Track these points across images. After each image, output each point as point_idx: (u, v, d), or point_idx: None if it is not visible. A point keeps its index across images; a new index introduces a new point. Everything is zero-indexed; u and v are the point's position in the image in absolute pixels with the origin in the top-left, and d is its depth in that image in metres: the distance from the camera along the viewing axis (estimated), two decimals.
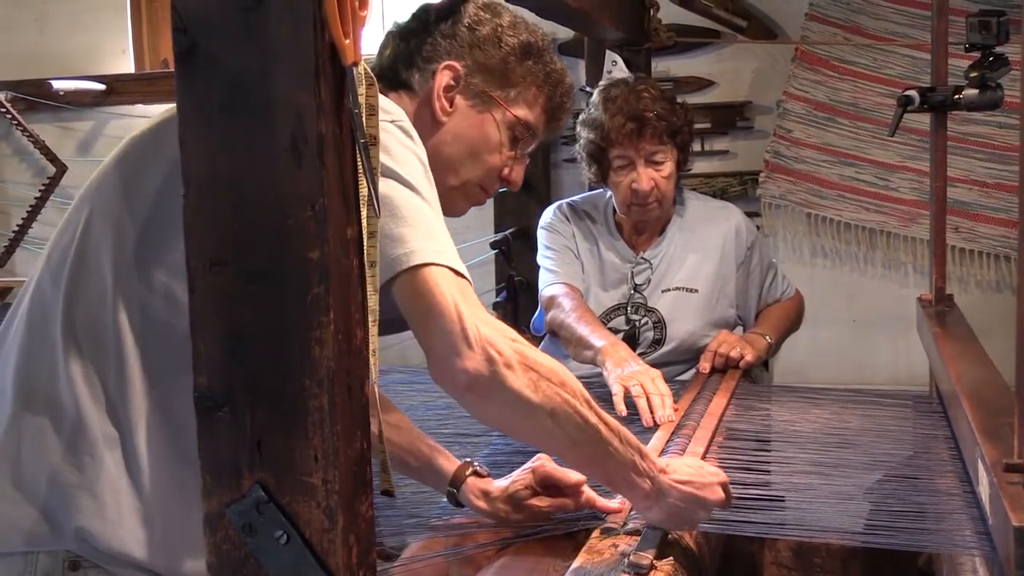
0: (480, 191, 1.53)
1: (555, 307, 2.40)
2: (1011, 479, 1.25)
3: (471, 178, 1.50)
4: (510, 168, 1.53)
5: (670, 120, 2.36)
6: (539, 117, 1.54)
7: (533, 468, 1.56)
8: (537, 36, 1.53)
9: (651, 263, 2.46)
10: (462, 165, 1.49)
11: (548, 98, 1.54)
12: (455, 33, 1.47)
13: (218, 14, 0.89)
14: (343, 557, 0.91)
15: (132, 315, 1.16)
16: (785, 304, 2.59)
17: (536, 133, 1.54)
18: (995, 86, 2.14)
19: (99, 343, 1.16)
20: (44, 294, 1.21)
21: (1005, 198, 3.69)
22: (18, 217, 4.51)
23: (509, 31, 1.49)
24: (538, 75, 1.52)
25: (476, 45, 1.47)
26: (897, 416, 2.09)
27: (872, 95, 3.80)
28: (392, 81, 1.47)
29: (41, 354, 1.19)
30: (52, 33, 4.57)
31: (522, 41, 1.50)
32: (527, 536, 1.53)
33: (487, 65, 1.47)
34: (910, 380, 3.59)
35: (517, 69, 1.49)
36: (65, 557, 1.16)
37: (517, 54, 1.49)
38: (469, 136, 1.48)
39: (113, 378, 1.16)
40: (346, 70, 0.92)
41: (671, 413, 1.98)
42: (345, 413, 0.91)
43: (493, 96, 1.48)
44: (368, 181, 0.96)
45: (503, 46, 1.48)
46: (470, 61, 1.46)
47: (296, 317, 0.90)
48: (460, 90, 1.46)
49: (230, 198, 0.91)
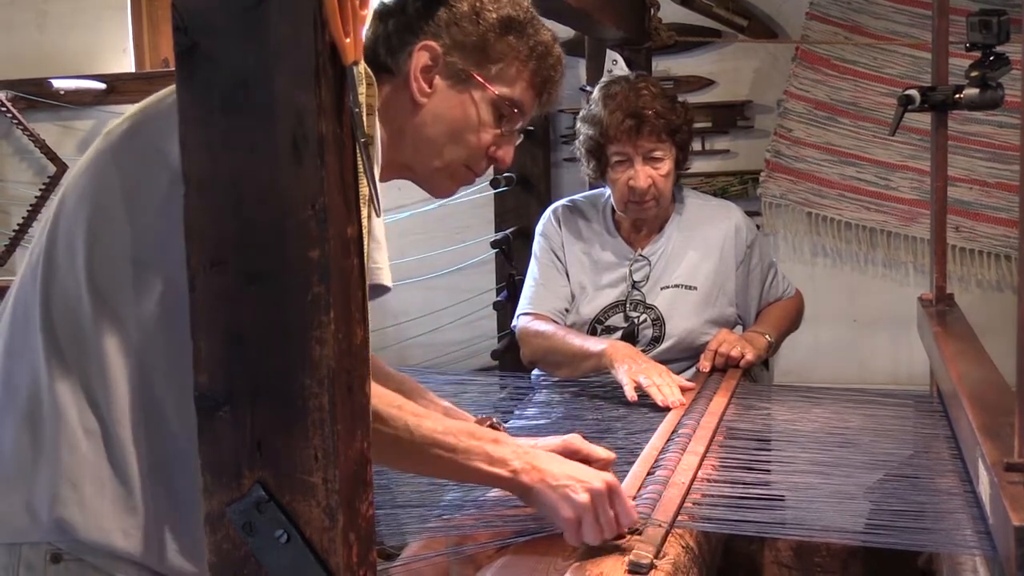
0: (466, 171, 1.51)
1: (533, 337, 2.40)
2: (1012, 478, 1.26)
3: (455, 159, 1.48)
4: (497, 146, 1.50)
5: (669, 118, 2.36)
6: (524, 92, 1.50)
7: (564, 439, 1.57)
8: (521, 9, 1.48)
9: (649, 260, 2.46)
10: (444, 146, 1.46)
11: (533, 72, 1.50)
12: (431, 12, 1.43)
13: (219, 13, 0.89)
14: (343, 556, 0.91)
15: (110, 312, 1.15)
16: (785, 303, 2.59)
17: (523, 109, 1.51)
18: (996, 85, 2.14)
19: (77, 339, 1.16)
20: (25, 291, 1.22)
21: (1006, 197, 3.68)
22: (18, 216, 4.51)
23: (489, 5, 1.45)
24: (520, 50, 1.48)
25: (454, 22, 1.43)
26: (898, 415, 2.09)
27: (873, 94, 3.80)
28: (372, 64, 1.46)
29: (23, 350, 1.19)
30: (52, 32, 4.57)
31: (502, 16, 1.45)
32: (527, 536, 1.53)
33: (465, 43, 1.43)
34: (910, 379, 3.59)
35: (497, 45, 1.45)
36: (47, 550, 1.15)
37: (497, 29, 1.45)
38: (450, 116, 1.45)
39: (95, 373, 1.15)
40: (346, 69, 0.92)
41: (681, 397, 2.05)
42: (345, 412, 0.91)
43: (473, 74, 1.44)
44: (368, 180, 0.96)
45: (482, 22, 1.44)
46: (448, 40, 1.43)
47: (296, 316, 0.90)
48: (439, 70, 1.43)
49: (230, 197, 0.91)
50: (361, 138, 0.94)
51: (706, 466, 1.70)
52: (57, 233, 1.20)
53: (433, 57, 1.42)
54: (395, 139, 1.44)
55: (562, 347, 2.33)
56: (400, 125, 1.44)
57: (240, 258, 0.91)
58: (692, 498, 1.57)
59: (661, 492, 1.54)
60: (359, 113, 0.93)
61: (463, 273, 3.96)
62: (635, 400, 2.10)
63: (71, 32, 4.54)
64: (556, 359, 2.36)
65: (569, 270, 2.48)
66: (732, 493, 1.57)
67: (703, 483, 1.64)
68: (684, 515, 1.51)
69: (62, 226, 1.20)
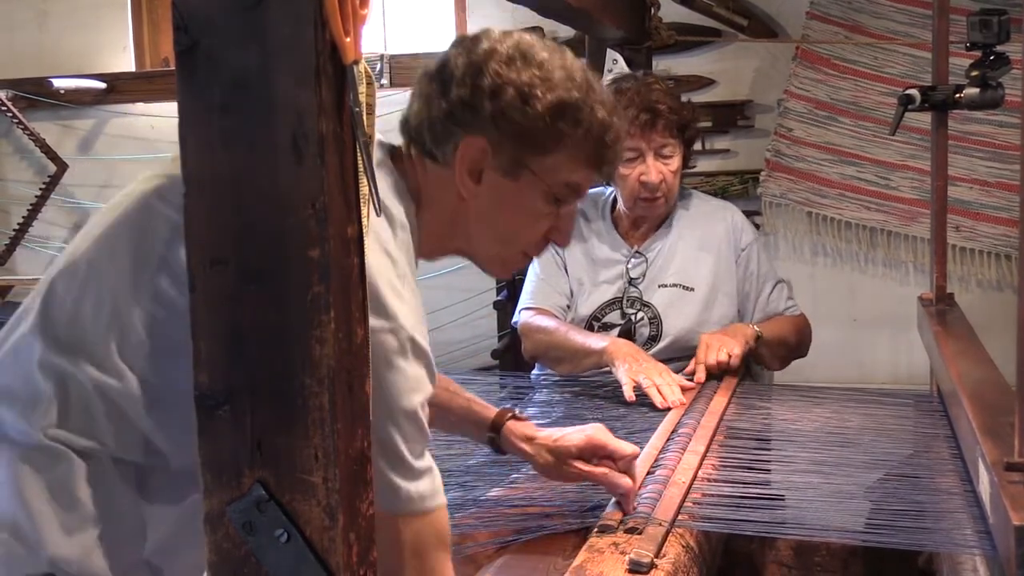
0: (523, 256, 1.43)
1: (534, 332, 2.39)
2: (1012, 478, 1.26)
3: (511, 250, 1.40)
4: (555, 228, 1.39)
5: (681, 114, 2.37)
6: (583, 174, 1.36)
7: (588, 433, 1.56)
8: (574, 85, 1.31)
9: (647, 257, 2.45)
10: (498, 239, 1.37)
11: (591, 155, 1.35)
12: (475, 103, 1.28)
13: (219, 12, 0.89)
14: (343, 556, 0.91)
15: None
16: (787, 318, 2.50)
17: (581, 191, 1.38)
18: (996, 85, 2.14)
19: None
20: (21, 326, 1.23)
21: (1006, 197, 3.69)
22: (19, 216, 4.52)
23: (538, 90, 1.29)
24: (576, 135, 1.32)
25: (500, 113, 1.28)
26: (898, 415, 2.09)
27: (873, 94, 3.80)
28: (419, 146, 1.33)
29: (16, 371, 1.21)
30: (53, 31, 4.57)
31: (553, 102, 1.29)
32: (527, 535, 1.53)
33: (514, 132, 1.29)
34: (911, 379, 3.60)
35: (550, 133, 1.30)
36: None
37: (548, 118, 1.29)
38: (502, 210, 1.34)
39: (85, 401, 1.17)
40: (347, 68, 0.92)
41: (681, 397, 2.04)
42: (346, 412, 0.91)
43: (525, 164, 1.32)
44: (368, 179, 0.96)
45: (530, 110, 1.28)
46: (495, 132, 1.29)
47: (296, 316, 0.90)
48: (487, 163, 1.31)
49: (230, 197, 0.91)
50: (361, 137, 0.94)
51: (706, 465, 1.70)
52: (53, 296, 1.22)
53: (480, 152, 1.30)
54: (445, 227, 1.35)
55: (563, 343, 2.33)
56: (450, 215, 1.34)
57: (240, 257, 0.91)
58: (692, 497, 1.57)
59: (661, 491, 1.54)
60: (359, 112, 0.93)
61: (463, 272, 3.95)
62: (633, 400, 2.10)
63: (71, 31, 4.54)
64: (557, 355, 2.35)
65: (568, 267, 2.48)
66: (732, 492, 1.57)
67: (703, 482, 1.64)
68: (684, 514, 1.51)
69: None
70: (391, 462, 1.14)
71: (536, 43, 1.32)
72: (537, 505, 1.62)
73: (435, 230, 1.35)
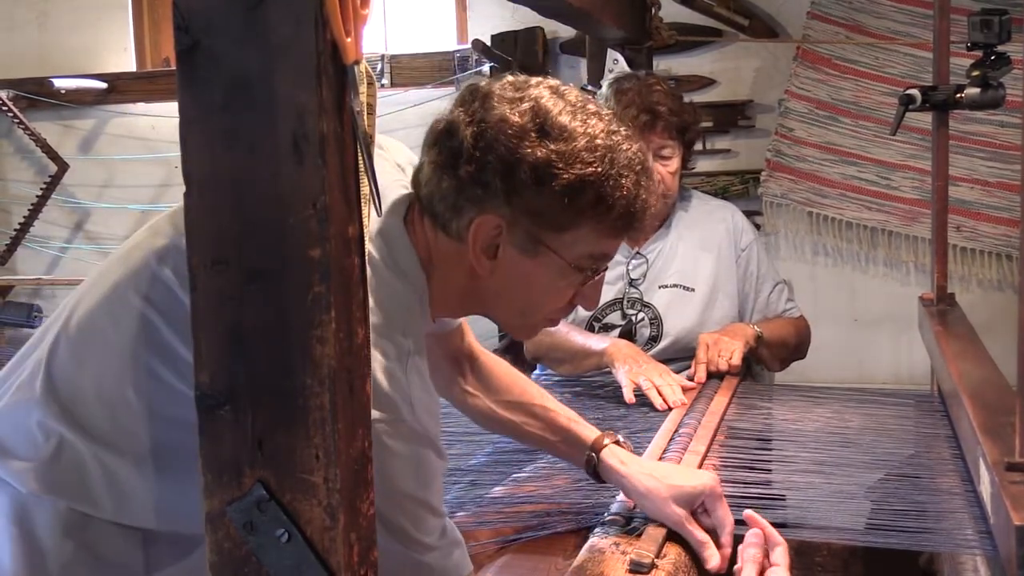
0: (548, 321, 1.36)
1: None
2: (1013, 478, 1.26)
3: (534, 319, 1.34)
4: (581, 294, 1.31)
5: (681, 116, 2.37)
6: (608, 244, 1.28)
7: (710, 486, 1.47)
8: (596, 157, 1.20)
9: (647, 258, 2.45)
10: (519, 310, 1.31)
11: (614, 227, 1.25)
12: (487, 181, 1.18)
13: (220, 12, 0.89)
14: (344, 556, 0.91)
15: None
16: (788, 320, 2.50)
17: (606, 259, 1.31)
18: (997, 85, 2.14)
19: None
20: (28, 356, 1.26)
21: (1007, 197, 3.69)
22: (19, 215, 4.52)
23: (556, 167, 1.18)
24: (598, 211, 1.22)
25: (514, 192, 1.19)
26: (898, 415, 2.09)
27: (874, 94, 3.80)
28: (431, 216, 1.25)
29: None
30: (53, 31, 4.58)
31: (571, 180, 1.18)
32: (528, 535, 1.53)
33: (529, 211, 1.20)
34: (911, 379, 3.60)
35: (568, 212, 1.20)
36: None
37: (567, 197, 1.19)
38: (519, 287, 1.27)
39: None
40: (347, 68, 0.92)
41: (682, 397, 2.04)
42: (346, 411, 0.91)
43: (542, 241, 1.23)
44: (369, 179, 0.96)
45: (546, 190, 1.18)
46: (508, 210, 1.20)
47: (297, 315, 0.90)
48: (503, 239, 1.22)
49: (231, 197, 0.91)
50: (362, 137, 0.94)
51: (707, 466, 1.70)
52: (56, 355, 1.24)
53: (494, 230, 1.21)
54: (458, 297, 1.30)
55: (564, 344, 2.33)
56: (467, 289, 1.28)
57: (241, 257, 0.91)
58: None
59: None
60: (360, 112, 0.93)
61: None
62: (632, 402, 2.09)
63: (72, 31, 4.55)
64: (558, 355, 2.35)
65: None
66: (733, 493, 1.57)
67: None
68: None
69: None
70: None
71: (553, 104, 1.21)
72: (538, 505, 1.62)
73: (447, 299, 1.29)
